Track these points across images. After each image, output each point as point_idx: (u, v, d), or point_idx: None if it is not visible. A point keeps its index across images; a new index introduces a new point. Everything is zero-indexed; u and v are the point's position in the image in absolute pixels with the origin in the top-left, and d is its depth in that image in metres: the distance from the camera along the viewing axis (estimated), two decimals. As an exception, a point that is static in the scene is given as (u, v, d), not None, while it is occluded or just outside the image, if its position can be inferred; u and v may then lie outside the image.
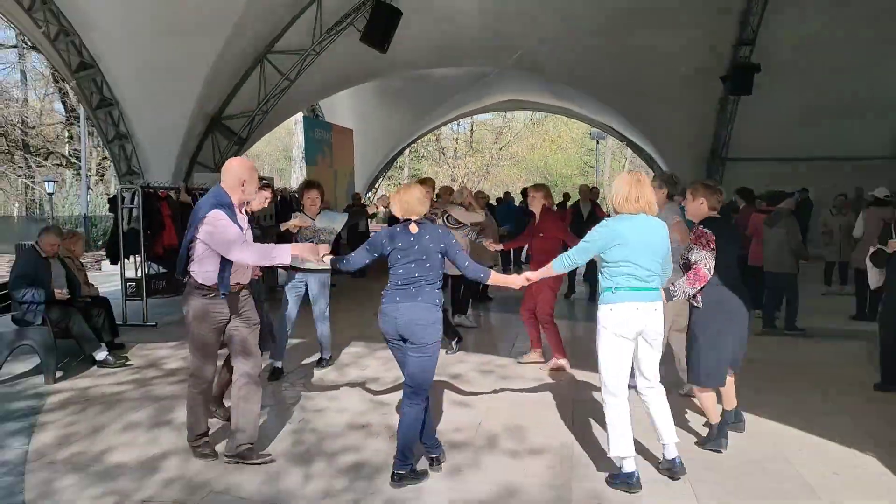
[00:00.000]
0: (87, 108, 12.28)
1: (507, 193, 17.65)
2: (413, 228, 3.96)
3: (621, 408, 3.81)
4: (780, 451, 4.27)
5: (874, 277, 5.83)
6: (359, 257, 4.14)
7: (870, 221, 8.68)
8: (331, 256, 4.24)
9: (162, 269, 9.87)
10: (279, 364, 6.19)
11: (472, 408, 5.27)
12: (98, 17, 10.63)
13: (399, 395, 5.57)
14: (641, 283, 3.79)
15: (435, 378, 4.96)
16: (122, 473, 4.06)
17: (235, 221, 4.07)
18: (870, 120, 15.36)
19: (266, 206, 5.59)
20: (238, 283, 4.26)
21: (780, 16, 13.76)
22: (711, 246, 4.13)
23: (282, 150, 41.29)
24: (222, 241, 4.01)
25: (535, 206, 6.52)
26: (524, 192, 18.79)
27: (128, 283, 9.14)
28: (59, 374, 6.23)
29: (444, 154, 44.58)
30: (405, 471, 3.87)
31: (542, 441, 4.47)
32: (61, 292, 6.50)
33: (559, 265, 4.08)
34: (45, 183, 25.13)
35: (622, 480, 3.76)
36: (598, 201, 13.03)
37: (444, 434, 4.62)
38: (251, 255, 4.07)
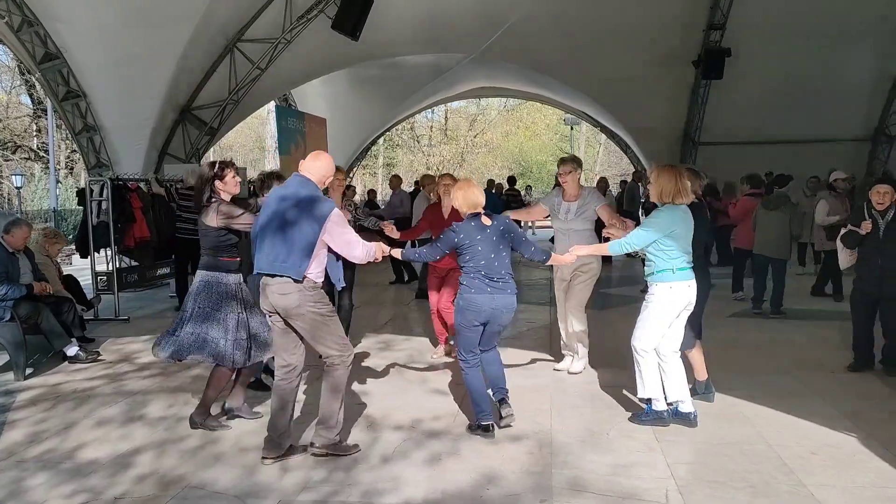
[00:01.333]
0: (53, 101, 12.03)
1: (490, 181, 17.75)
2: (486, 221, 4.31)
3: (653, 360, 4.43)
4: (758, 431, 4.30)
5: (845, 258, 5.88)
6: (431, 253, 4.43)
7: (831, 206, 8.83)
8: (400, 251, 4.50)
9: (133, 263, 9.70)
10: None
11: (450, 396, 5.25)
12: (63, 6, 10.39)
13: (377, 382, 5.58)
14: (689, 265, 4.41)
15: (412, 366, 4.94)
16: (94, 470, 3.98)
17: None
18: (840, 102, 15.53)
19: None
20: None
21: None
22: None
23: (255, 140, 40.89)
24: (347, 240, 4.01)
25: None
26: (511, 180, 18.92)
27: (98, 277, 8.97)
28: (28, 370, 6.09)
29: (418, 142, 44.45)
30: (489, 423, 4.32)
31: (521, 427, 4.46)
32: (42, 285, 6.34)
33: (616, 248, 4.52)
34: (13, 177, 24.63)
35: (656, 416, 4.40)
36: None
37: (422, 423, 4.61)
38: (361, 252, 4.08)
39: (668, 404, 4.43)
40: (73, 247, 11.42)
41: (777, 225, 8.04)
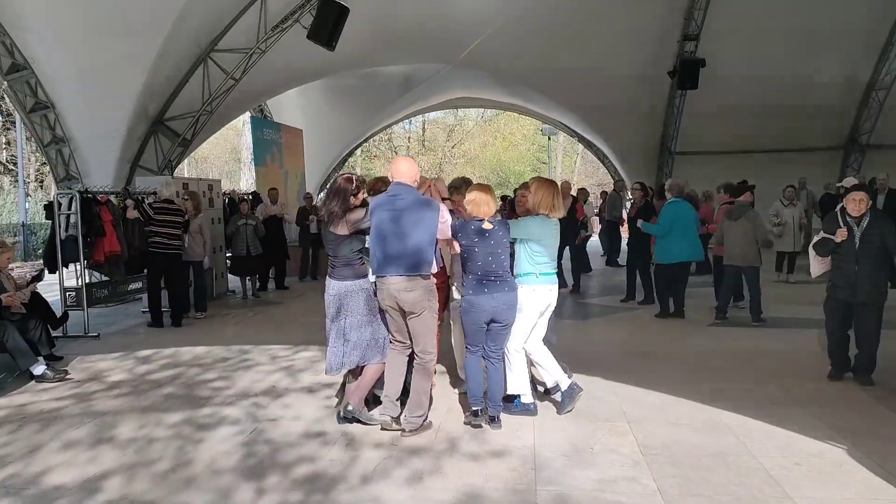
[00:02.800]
0: (20, 112, 11.74)
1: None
2: (487, 226, 4.61)
3: (522, 358, 5.03)
4: (741, 443, 4.25)
5: (816, 267, 5.87)
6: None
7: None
8: None
9: (104, 278, 9.47)
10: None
11: (432, 410, 5.13)
12: (31, 16, 10.13)
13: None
14: (554, 270, 5.06)
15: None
16: (59, 496, 3.81)
17: None
18: (813, 111, 15.73)
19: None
20: None
21: (724, 10, 13.97)
22: None
23: (230, 152, 40.50)
24: (445, 231, 4.58)
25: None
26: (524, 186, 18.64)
27: (67, 293, 8.72)
28: (-7, 390, 5.89)
29: (396, 153, 44.34)
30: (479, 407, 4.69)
31: (503, 442, 4.36)
32: (11, 296, 6.12)
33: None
34: (-20, 191, 24.10)
35: (524, 408, 4.92)
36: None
37: (403, 438, 4.49)
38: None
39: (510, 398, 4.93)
40: (41, 262, 11.11)
41: (742, 234, 8.06)
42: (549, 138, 35.00)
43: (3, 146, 31.04)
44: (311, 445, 4.48)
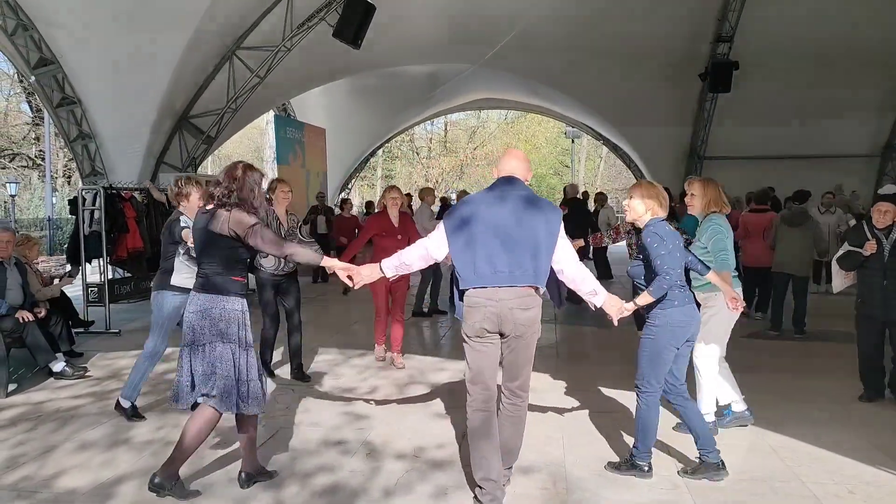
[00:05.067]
0: (47, 107, 11.78)
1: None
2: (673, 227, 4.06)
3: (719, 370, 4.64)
4: (789, 467, 4.00)
5: (839, 281, 5.60)
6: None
7: None
8: None
9: (126, 274, 9.42)
10: None
11: (454, 421, 4.95)
12: (59, 11, 10.16)
13: (375, 406, 5.28)
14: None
15: (414, 386, 4.60)
16: (72, 500, 3.68)
17: None
18: (848, 117, 15.35)
19: None
20: None
21: (759, 12, 13.66)
22: None
23: (253, 151, 40.65)
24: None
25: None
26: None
27: (89, 289, 8.68)
28: (11, 386, 5.80)
29: (417, 154, 44.27)
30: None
31: (531, 458, 4.16)
32: (25, 314, 6.01)
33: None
34: (8, 185, 24.35)
35: (736, 417, 4.65)
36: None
37: (425, 451, 4.32)
38: None
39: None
40: (65, 257, 11.13)
41: (800, 241, 7.86)
42: (573, 141, 34.71)
43: (33, 141, 31.41)
44: (331, 454, 4.32)
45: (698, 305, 4.19)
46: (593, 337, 8.24)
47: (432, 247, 3.67)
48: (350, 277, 3.80)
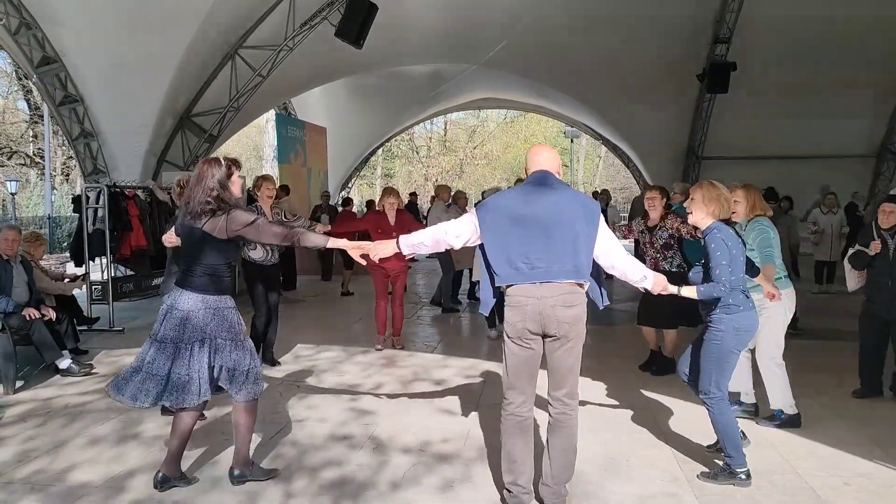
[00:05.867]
0: (49, 105, 11.81)
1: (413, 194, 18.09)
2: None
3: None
4: (786, 461, 4.09)
5: (853, 280, 5.68)
6: None
7: None
8: None
9: (129, 272, 9.48)
10: None
11: (460, 415, 5.04)
12: (63, 9, 10.19)
13: (381, 401, 5.36)
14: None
15: (418, 383, 4.67)
16: (85, 493, 3.75)
17: None
18: (845, 118, 15.44)
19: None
20: None
21: (757, 13, 13.74)
22: None
23: (252, 150, 40.69)
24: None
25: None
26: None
27: (93, 287, 8.74)
28: (19, 383, 5.86)
29: (417, 153, 44.33)
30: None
31: (536, 450, 4.24)
32: (31, 311, 6.06)
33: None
34: (7, 182, 24.37)
35: (789, 418, 4.68)
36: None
37: (431, 445, 4.39)
38: None
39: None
40: (68, 254, 11.18)
41: (784, 241, 7.96)
42: (572, 141, 34.80)
43: (31, 139, 31.42)
44: (338, 448, 4.39)
45: None
46: (592, 331, 8.30)
47: (451, 233, 3.57)
48: (364, 256, 3.84)
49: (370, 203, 17.13)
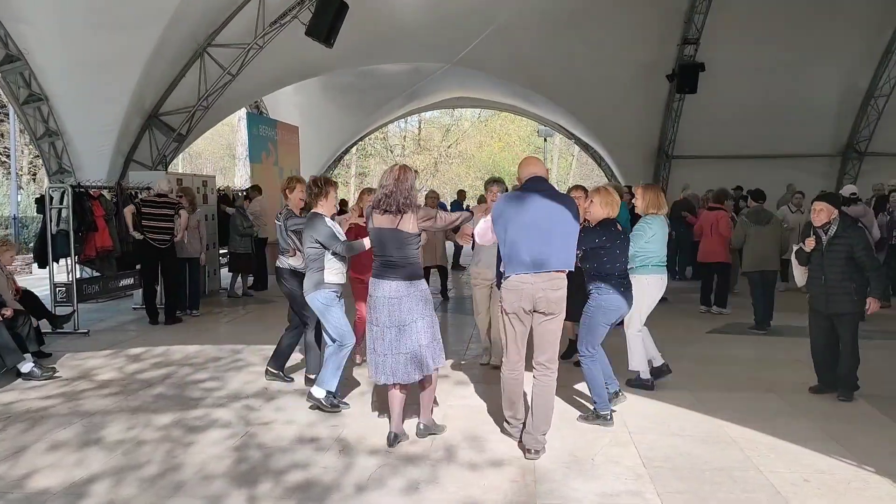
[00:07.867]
0: (13, 104, 11.55)
1: (460, 192, 17.94)
2: (619, 227, 4.96)
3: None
4: (747, 456, 4.15)
5: (800, 276, 5.80)
6: None
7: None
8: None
9: (95, 273, 9.32)
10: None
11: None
12: (26, 7, 9.95)
13: (350, 402, 5.32)
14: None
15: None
16: (44, 500, 3.69)
17: None
18: (811, 118, 15.67)
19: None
20: None
21: (724, 14, 13.91)
22: None
23: (225, 148, 40.23)
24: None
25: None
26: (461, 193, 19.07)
27: (57, 289, 8.58)
28: (-22, 388, 5.76)
29: (391, 152, 44.19)
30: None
31: (502, 451, 4.26)
32: (6, 312, 5.93)
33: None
34: (-29, 182, 23.84)
35: (640, 383, 5.61)
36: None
37: (398, 446, 4.38)
38: None
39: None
40: (31, 255, 10.97)
41: (771, 239, 8.19)
42: (546, 140, 34.92)
43: (-4, 138, 30.74)
44: (305, 451, 4.37)
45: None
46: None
47: (479, 232, 4.65)
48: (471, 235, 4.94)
49: (343, 203, 17.02)
